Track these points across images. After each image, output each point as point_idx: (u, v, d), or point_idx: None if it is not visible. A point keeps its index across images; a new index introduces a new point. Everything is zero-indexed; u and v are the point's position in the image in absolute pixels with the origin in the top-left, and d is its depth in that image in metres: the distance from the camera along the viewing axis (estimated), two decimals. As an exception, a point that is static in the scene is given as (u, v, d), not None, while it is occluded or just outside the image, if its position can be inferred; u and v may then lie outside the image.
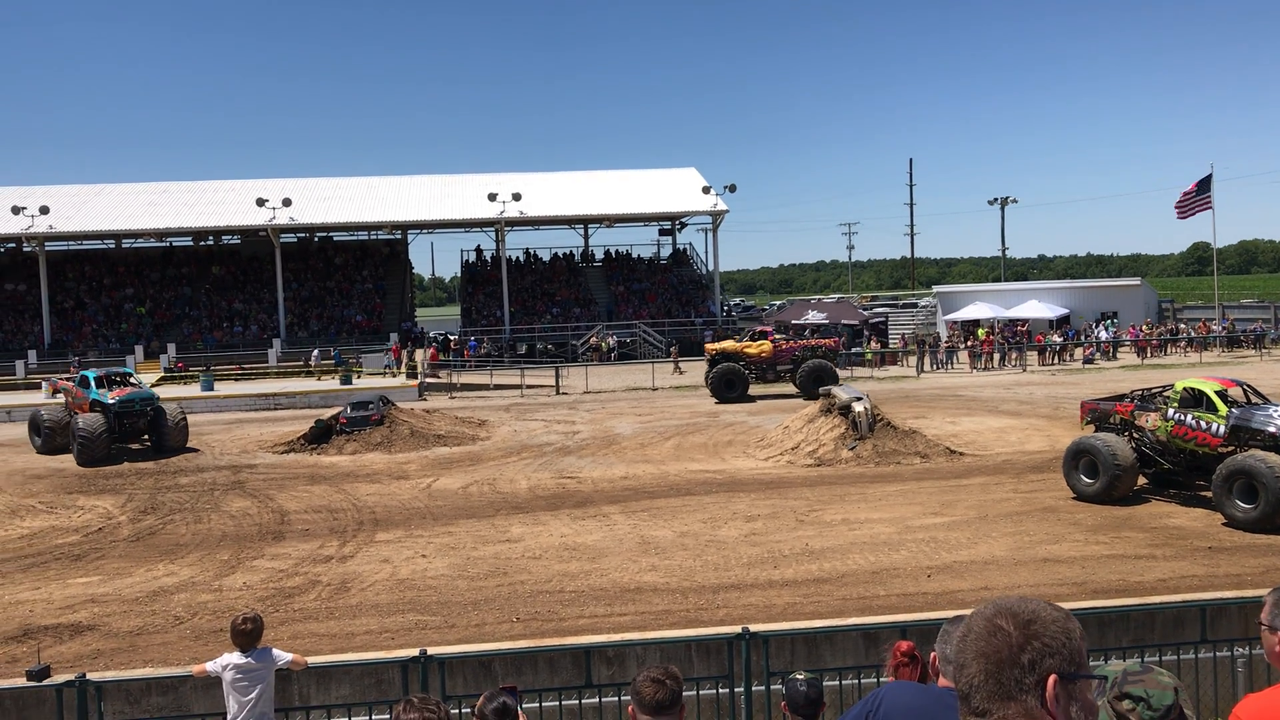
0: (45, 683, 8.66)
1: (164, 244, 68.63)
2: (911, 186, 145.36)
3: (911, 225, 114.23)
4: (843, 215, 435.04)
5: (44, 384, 47.48)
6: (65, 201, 62.81)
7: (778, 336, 42.61)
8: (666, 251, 73.96)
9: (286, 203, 60.44)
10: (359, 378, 49.58)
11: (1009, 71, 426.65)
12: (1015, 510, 19.82)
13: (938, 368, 51.16)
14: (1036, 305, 60.41)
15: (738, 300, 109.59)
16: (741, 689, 8.29)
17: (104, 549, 19.85)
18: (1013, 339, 55.41)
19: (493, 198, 61.48)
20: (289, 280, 62.90)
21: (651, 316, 62.90)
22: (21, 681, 9.99)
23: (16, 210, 58.89)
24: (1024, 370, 49.51)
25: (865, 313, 63.73)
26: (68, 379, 35.66)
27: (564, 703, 8.64)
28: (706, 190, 65.00)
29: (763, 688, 8.30)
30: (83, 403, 31.36)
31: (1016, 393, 39.63)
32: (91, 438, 28.83)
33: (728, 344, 41.95)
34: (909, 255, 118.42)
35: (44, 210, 58.90)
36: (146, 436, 31.64)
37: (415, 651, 8.46)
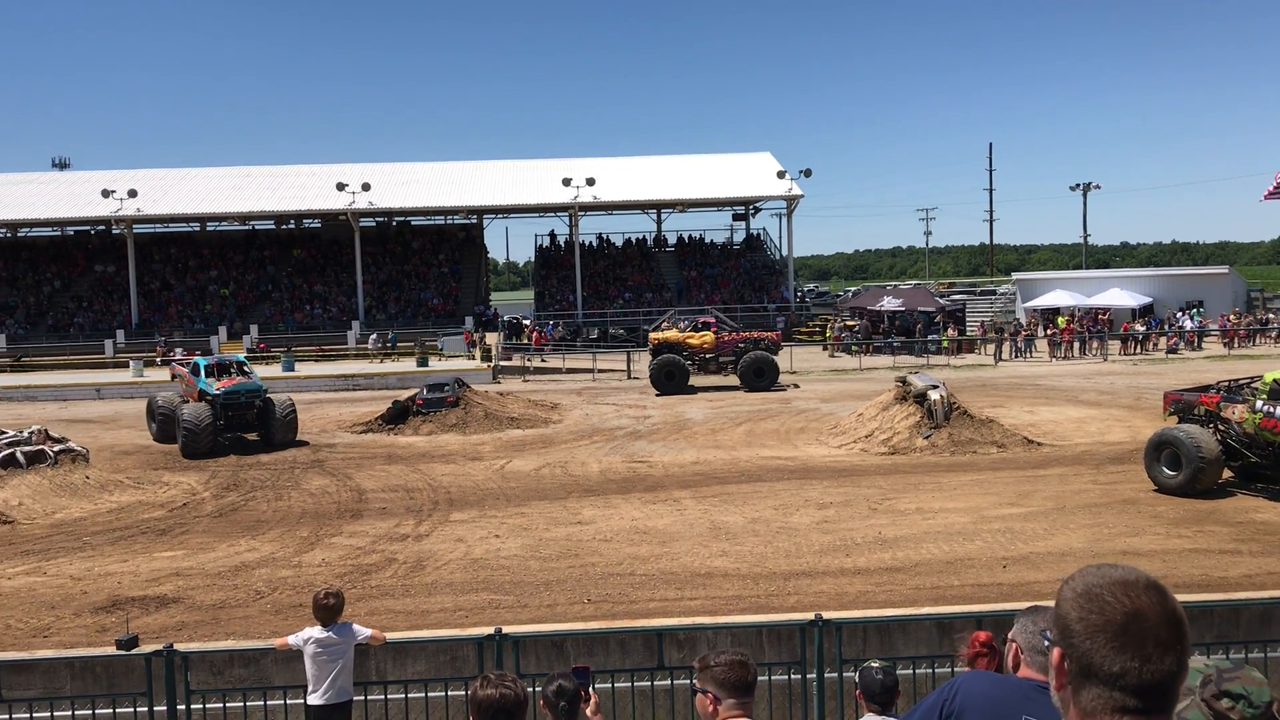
0: (134, 652, 8.95)
1: (247, 227, 70.12)
2: (991, 171, 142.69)
3: (990, 211, 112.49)
4: (920, 200, 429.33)
5: (166, 366, 48.89)
6: (152, 185, 64.49)
7: (721, 328, 42.33)
8: (740, 237, 73.67)
9: (366, 187, 61.39)
10: (437, 360, 50.25)
11: (1093, 54, 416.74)
12: (1094, 502, 19.45)
13: (1016, 356, 50.30)
14: (1119, 293, 59.04)
15: (811, 286, 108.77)
16: (814, 675, 8.28)
17: (188, 524, 20.42)
18: (1094, 328, 54.24)
19: (567, 183, 61.75)
20: (367, 264, 63.89)
21: (724, 302, 62.69)
22: (111, 650, 10.34)
23: (106, 194, 60.65)
24: (1105, 360, 48.46)
25: (942, 300, 62.79)
26: (183, 364, 33.94)
27: (636, 684, 8.70)
28: (781, 175, 64.57)
29: (835, 675, 8.28)
30: (193, 391, 30.10)
31: (1097, 382, 38.82)
32: (196, 429, 27.70)
33: (670, 334, 41.50)
34: (988, 241, 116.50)
35: (132, 194, 60.57)
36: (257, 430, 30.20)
37: (491, 630, 8.58)
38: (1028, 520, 18.13)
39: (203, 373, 30.26)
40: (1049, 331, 53.71)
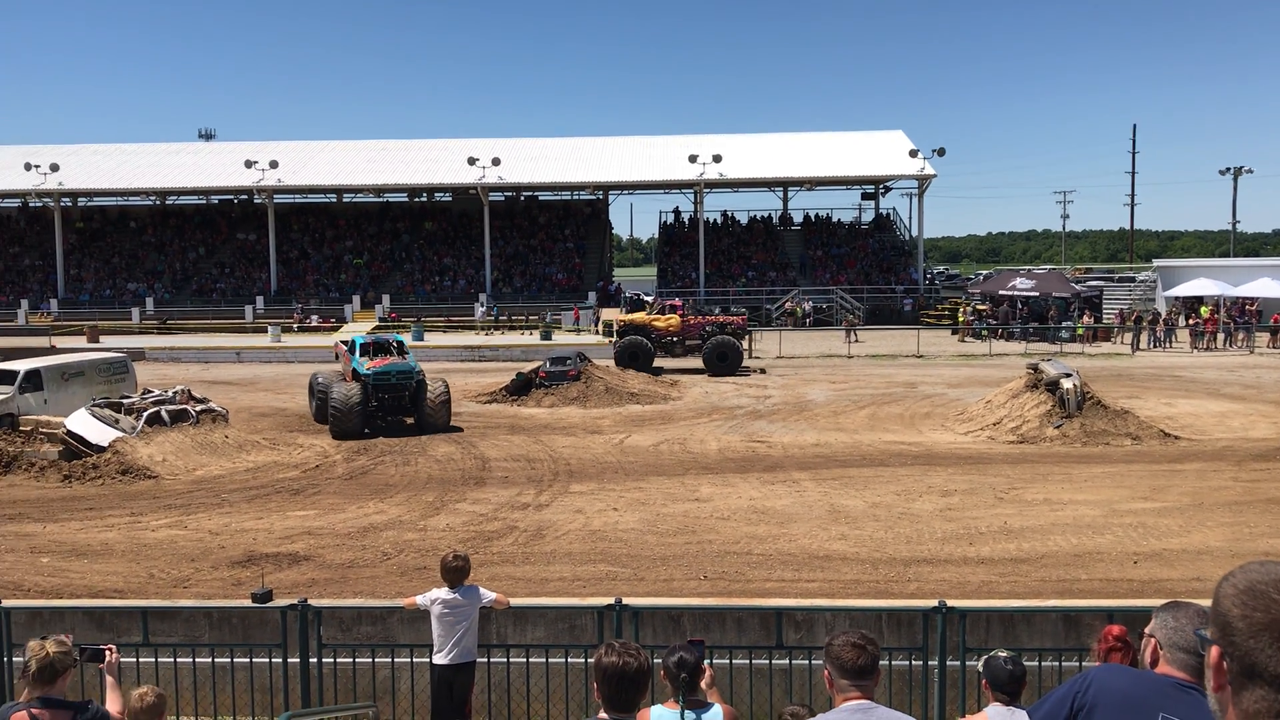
0: (269, 605, 9.33)
1: (381, 199, 72.00)
2: (1134, 154, 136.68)
3: (1132, 195, 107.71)
4: (1057, 183, 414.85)
5: (301, 332, 50.82)
6: (292, 157, 66.66)
7: (687, 311, 42.12)
8: (868, 216, 72.52)
9: (496, 162, 62.35)
10: (560, 334, 50.88)
11: (1246, 30, 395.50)
12: (1235, 499, 18.61)
13: (1155, 346, 48.36)
14: (1269, 283, 56.05)
15: (941, 268, 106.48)
16: (935, 663, 8.15)
17: (320, 485, 21.16)
18: (1240, 318, 51.73)
19: (693, 159, 61.61)
20: (495, 237, 64.96)
21: (850, 282, 61.88)
22: (246, 603, 10.80)
23: (249, 164, 63.00)
24: (1251, 352, 46.21)
25: (1078, 286, 60.74)
26: (344, 342, 32.10)
27: (754, 662, 8.71)
28: (913, 154, 63.22)
29: (957, 663, 8.14)
30: (349, 370, 28.69)
31: (1242, 375, 37.07)
32: (343, 410, 26.43)
33: (637, 316, 41.67)
34: (1128, 226, 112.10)
35: (273, 165, 62.76)
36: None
37: (611, 600, 8.67)
38: (1162, 516, 17.47)
39: (357, 351, 28.97)
40: (1191, 321, 51.47)
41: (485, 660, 8.79)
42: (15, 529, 17.74)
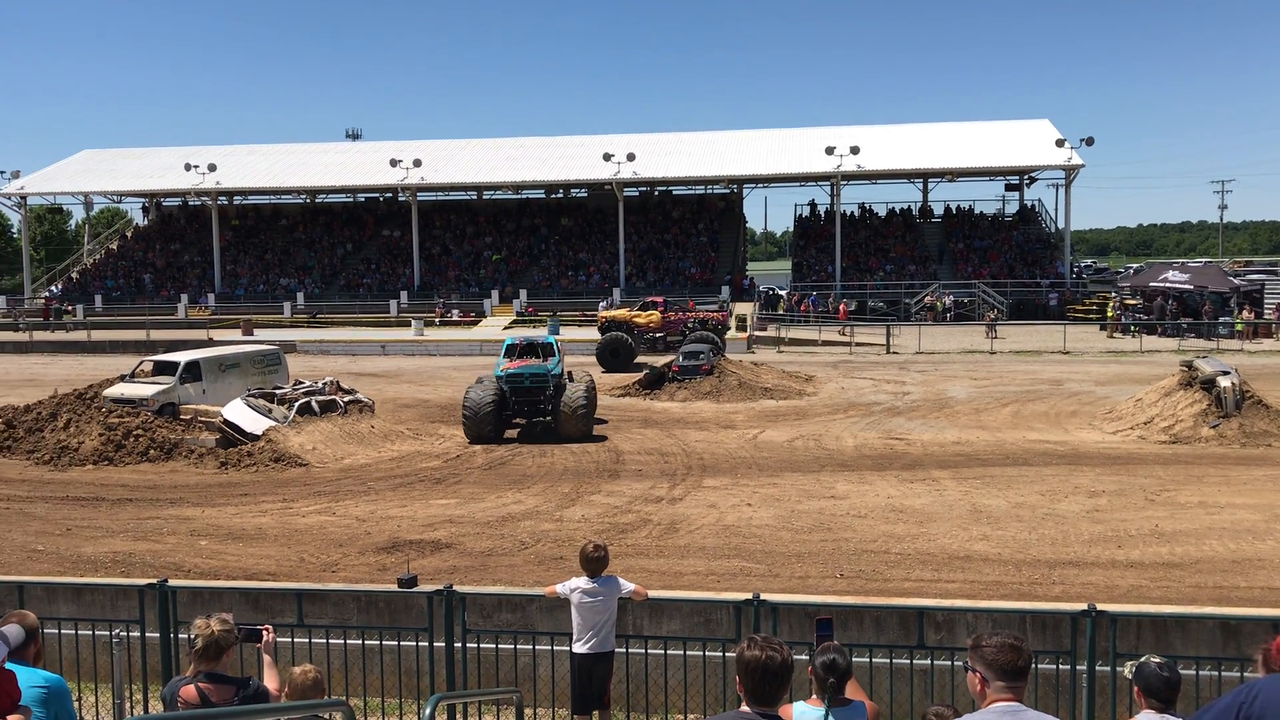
0: (414, 590, 9.60)
1: (519, 196, 73.31)
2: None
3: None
4: (1215, 172, 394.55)
5: (444, 326, 52.24)
6: (435, 155, 68.39)
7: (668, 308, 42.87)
8: (1012, 208, 70.41)
9: (631, 157, 62.76)
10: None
11: None
12: None
13: (1322, 343, 45.67)
14: None
15: (1089, 261, 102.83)
16: (1084, 667, 7.89)
17: (461, 475, 21.69)
18: None
19: (830, 151, 60.81)
20: (629, 232, 65.40)
21: (992, 276, 60.21)
22: (392, 587, 11.15)
23: (394, 163, 64.95)
24: None
25: (1237, 280, 57.75)
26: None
27: (894, 661, 8.58)
28: (1060, 143, 61.05)
29: (1106, 669, 7.87)
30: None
31: None
32: (474, 414, 25.40)
33: (619, 313, 42.59)
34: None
35: (417, 163, 64.53)
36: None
37: (749, 594, 8.66)
38: (1331, 523, 16.51)
39: (503, 352, 28.29)
40: (1364, 317, 48.42)
41: (623, 651, 8.88)
42: (176, 513, 18.72)
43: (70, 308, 63.43)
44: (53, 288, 70.29)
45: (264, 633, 6.05)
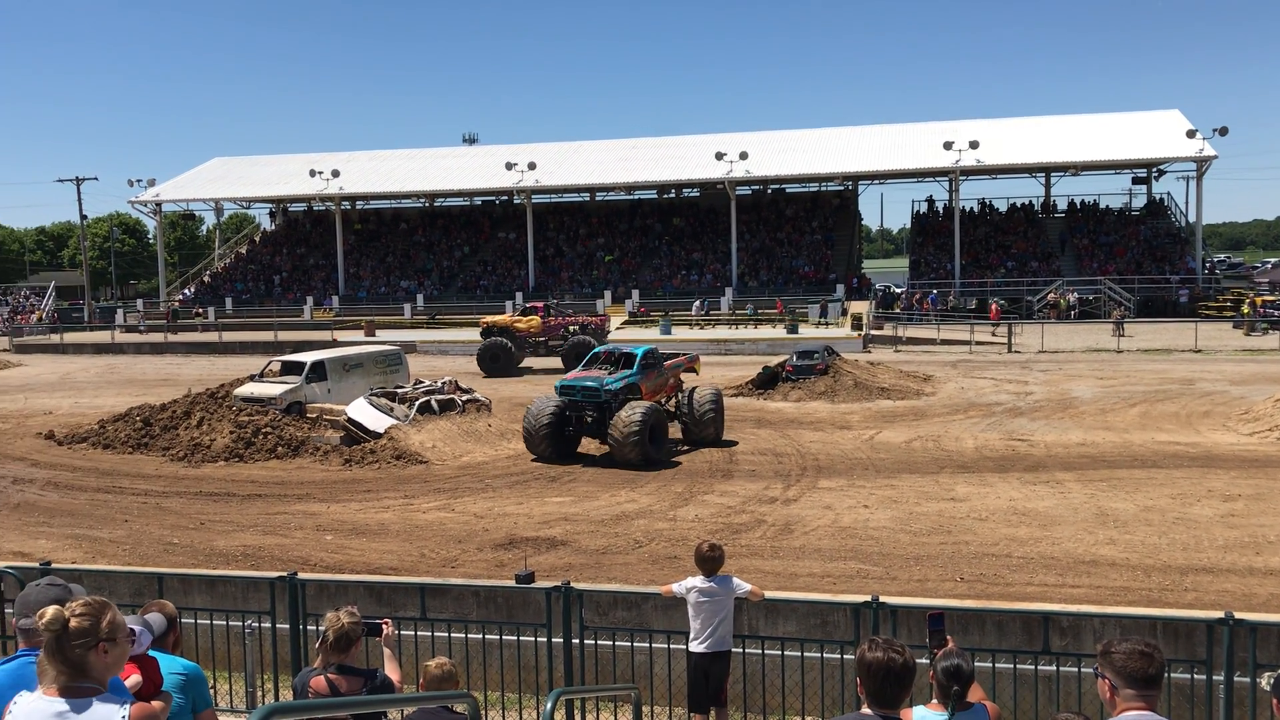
0: (532, 586, 9.75)
1: (632, 196, 73.67)
2: None
3: None
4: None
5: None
6: (549, 158, 69.20)
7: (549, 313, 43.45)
8: (1140, 202, 67.97)
9: (743, 155, 62.51)
10: (808, 327, 50.53)
11: None
12: None
13: None
14: None
15: (1223, 257, 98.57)
16: (1220, 677, 7.58)
17: (575, 473, 21.89)
18: None
19: (948, 146, 59.59)
20: (742, 231, 65.16)
21: (1119, 272, 58.22)
22: (510, 583, 11.32)
23: (509, 166, 65.94)
24: None
25: (1385, 273, 54.76)
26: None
27: (1018, 667, 8.37)
28: (1191, 134, 58.68)
29: (1244, 679, 7.55)
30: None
31: None
32: (530, 430, 22.91)
33: (500, 319, 43.58)
34: None
35: (531, 166, 65.39)
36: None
37: (867, 597, 8.56)
38: None
39: (582, 361, 25.69)
40: None
41: (739, 651, 8.86)
42: (303, 508, 19.33)
43: (199, 310, 66.08)
44: (185, 291, 73.33)
45: (384, 626, 6.21)
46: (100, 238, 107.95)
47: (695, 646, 8.41)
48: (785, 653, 8.75)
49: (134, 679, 4.24)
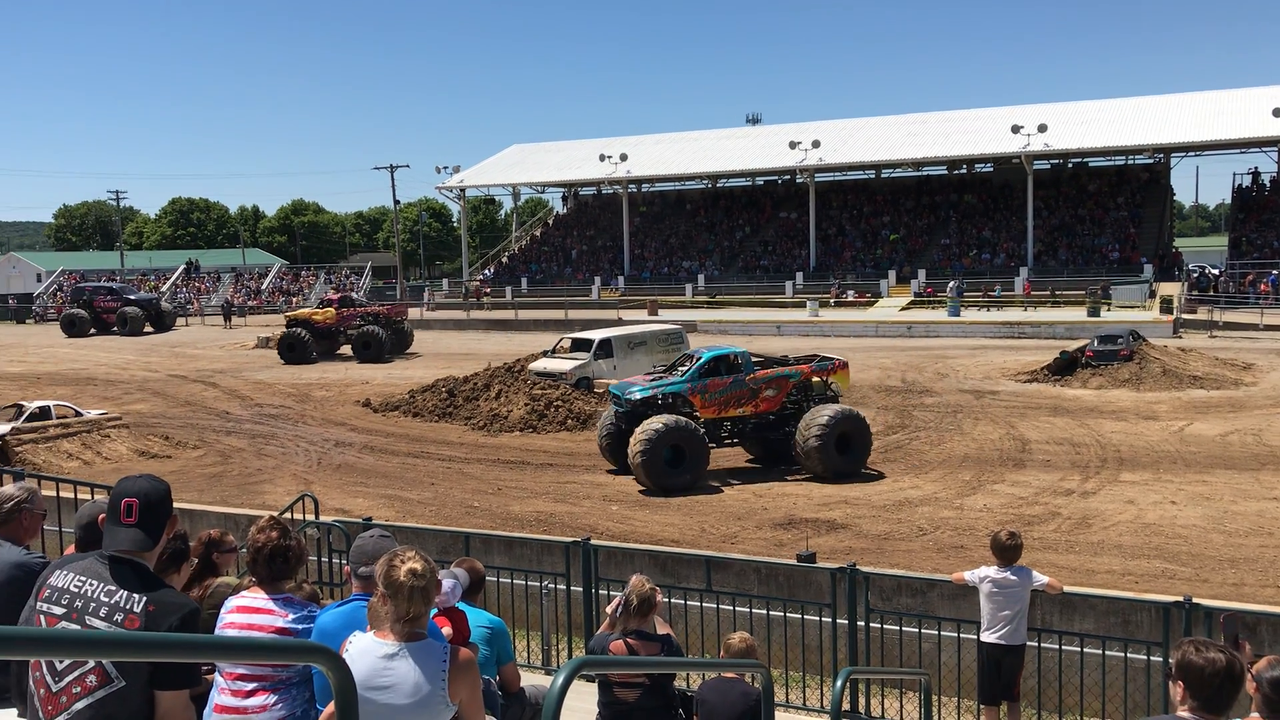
0: (814, 566, 9.74)
1: (919, 173, 71.50)
2: None
3: None
4: None
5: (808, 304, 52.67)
6: (832, 136, 68.26)
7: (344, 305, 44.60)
8: None
9: (1042, 128, 59.19)
10: (1108, 310, 47.48)
11: None
12: None
13: None
14: None
15: None
16: None
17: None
18: None
19: (1277, 113, 54.05)
20: (1038, 208, 61.82)
21: None
22: (791, 561, 11.36)
23: (792, 145, 65.59)
24: None
25: None
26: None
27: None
28: None
29: None
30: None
31: None
32: (600, 441, 21.14)
33: (300, 312, 46.02)
34: None
35: (815, 144, 64.74)
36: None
37: (1178, 597, 8.00)
38: None
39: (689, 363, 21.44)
40: None
41: (1034, 645, 8.50)
42: (590, 479, 20.16)
43: (488, 289, 69.88)
44: (486, 271, 77.75)
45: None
46: (410, 221, 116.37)
47: (987, 636, 8.14)
48: (1085, 650, 8.31)
49: (445, 630, 4.59)
